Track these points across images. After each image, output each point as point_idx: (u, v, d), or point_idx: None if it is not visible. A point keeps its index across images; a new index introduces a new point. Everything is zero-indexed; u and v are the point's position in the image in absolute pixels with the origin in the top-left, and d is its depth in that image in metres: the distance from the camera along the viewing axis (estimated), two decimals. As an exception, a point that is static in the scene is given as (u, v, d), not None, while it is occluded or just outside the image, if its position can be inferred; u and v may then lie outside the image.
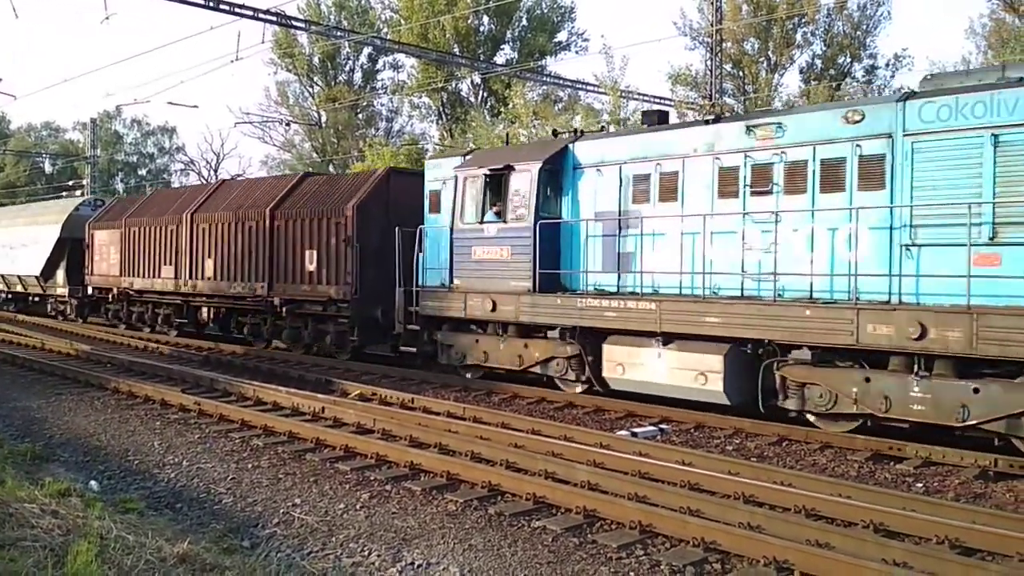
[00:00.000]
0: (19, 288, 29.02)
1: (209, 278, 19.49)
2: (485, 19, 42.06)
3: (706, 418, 10.90)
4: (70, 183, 56.87)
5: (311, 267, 16.79)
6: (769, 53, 35.51)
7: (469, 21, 40.54)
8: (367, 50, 46.97)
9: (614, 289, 12.14)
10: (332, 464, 8.60)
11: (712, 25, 30.62)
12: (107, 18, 21.05)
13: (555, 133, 17.13)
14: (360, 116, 48.60)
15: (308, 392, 12.25)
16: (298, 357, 17.28)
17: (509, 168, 12.94)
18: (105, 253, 23.46)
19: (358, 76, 49.17)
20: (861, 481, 8.23)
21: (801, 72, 35.95)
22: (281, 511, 7.16)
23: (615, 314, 11.58)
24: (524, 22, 43.67)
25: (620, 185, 12.19)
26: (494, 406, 12.13)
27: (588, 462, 8.31)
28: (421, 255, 14.27)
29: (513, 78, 34.76)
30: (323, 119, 48.89)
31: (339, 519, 6.94)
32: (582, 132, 13.54)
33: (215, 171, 61.89)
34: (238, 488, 7.86)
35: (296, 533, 6.63)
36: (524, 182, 12.77)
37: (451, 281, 13.76)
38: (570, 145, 12.91)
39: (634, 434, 10.04)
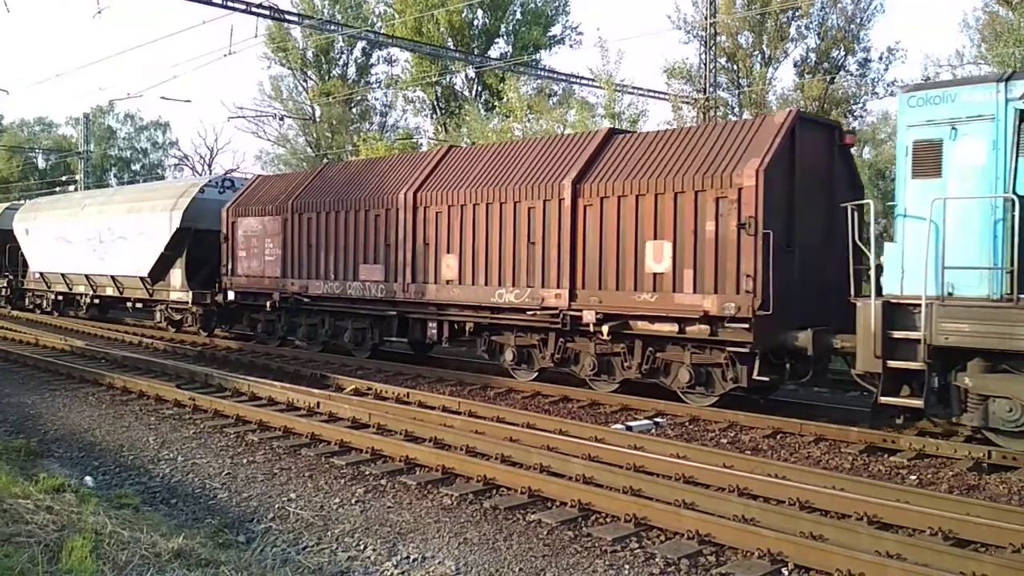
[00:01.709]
0: (110, 291, 23.04)
1: (450, 281, 14.07)
2: (479, 13, 41.98)
3: (701, 412, 10.93)
4: (63, 178, 56.75)
5: (658, 267, 11.42)
6: (763, 47, 35.48)
7: (463, 15, 40.45)
8: (361, 44, 46.82)
9: None
10: (327, 459, 8.60)
11: (706, 19, 30.60)
12: (99, 12, 21.01)
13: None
14: (354, 110, 48.43)
15: (303, 387, 12.24)
16: (293, 352, 17.17)
17: None
18: (256, 248, 17.97)
19: (352, 70, 49.02)
20: (855, 473, 8.27)
21: (795, 66, 35.93)
22: (276, 506, 7.16)
23: None
24: (518, 16, 43.59)
25: None
26: (489, 400, 12.15)
27: (583, 456, 8.32)
28: (897, 245, 9.25)
29: (507, 72, 34.71)
30: (317, 114, 48.77)
31: (334, 514, 6.94)
32: None
33: (209, 166, 61.74)
34: (233, 483, 7.86)
35: (291, 528, 6.63)
36: None
37: (1020, 289, 8.46)
38: None
39: (629, 428, 10.06)
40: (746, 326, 10.54)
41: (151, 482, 8.06)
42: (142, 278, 21.06)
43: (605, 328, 11.87)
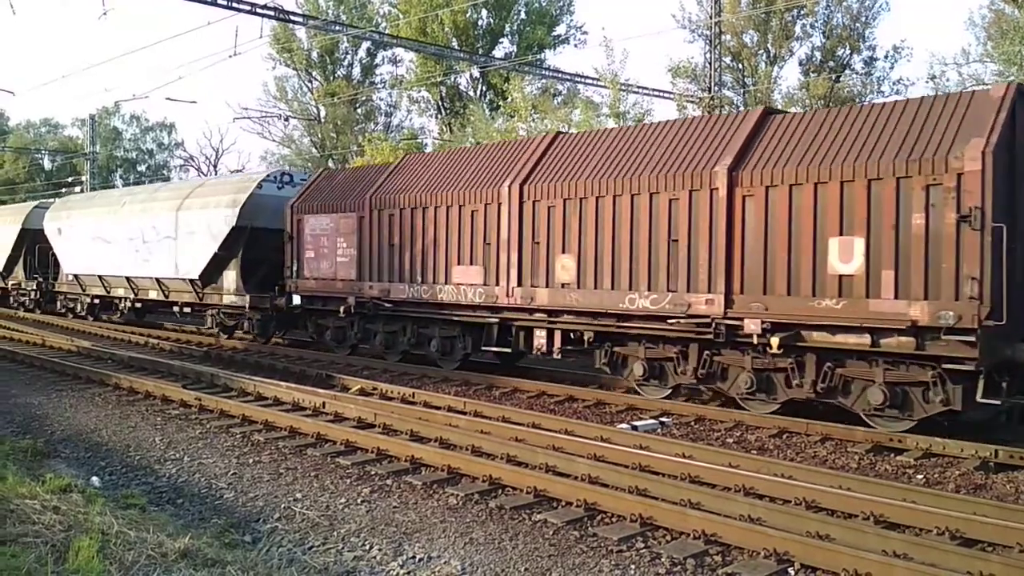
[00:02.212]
0: (153, 295, 21.28)
1: (566, 285, 12.29)
2: (484, 13, 42.01)
3: (706, 411, 10.92)
4: (70, 180, 56.89)
5: (846, 268, 9.64)
6: (768, 45, 35.45)
7: (467, 15, 40.49)
8: (366, 45, 46.91)
9: None
10: (333, 459, 8.61)
11: (711, 17, 30.58)
12: (104, 14, 21.02)
13: None
14: (359, 111, 48.53)
15: (309, 387, 12.26)
16: (299, 352, 17.14)
17: None
18: (326, 248, 16.26)
19: (357, 71, 49.11)
20: (862, 473, 8.25)
21: (800, 64, 35.92)
22: (282, 506, 7.17)
23: None
24: (522, 15, 43.63)
25: None
26: (494, 400, 12.15)
27: (588, 455, 8.31)
28: None
29: (512, 72, 34.71)
30: (322, 114, 48.86)
31: (340, 513, 6.95)
32: None
33: (214, 167, 61.92)
34: (239, 483, 7.87)
35: (297, 528, 6.64)
36: None
37: None
38: None
39: (634, 427, 10.05)
40: (970, 338, 8.77)
41: (157, 482, 8.08)
42: (191, 280, 19.35)
43: (775, 340, 10.06)
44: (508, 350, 13.63)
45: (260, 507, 7.18)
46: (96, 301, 24.46)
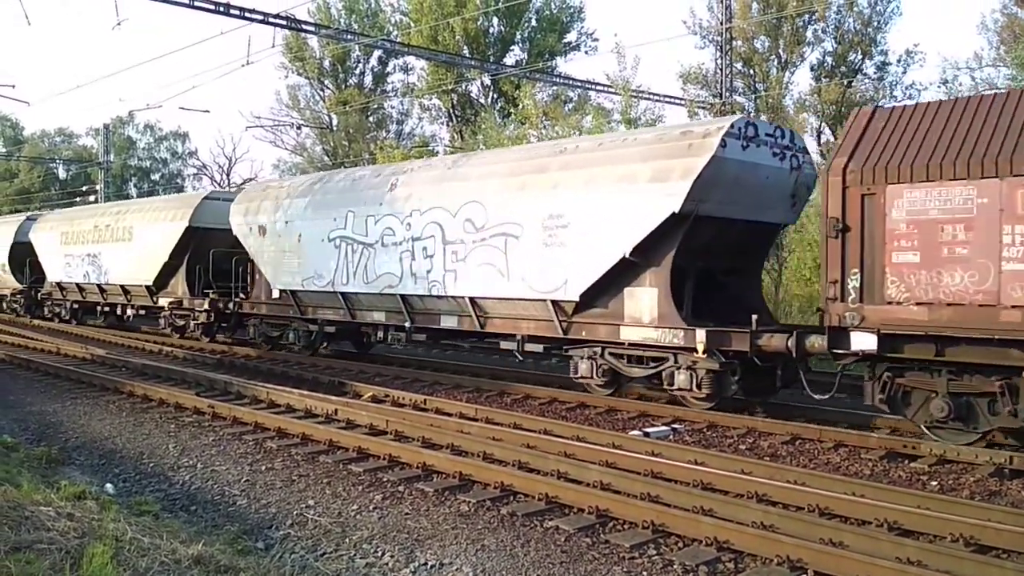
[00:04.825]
0: (451, 323, 14.30)
1: None
2: (495, 20, 42.14)
3: (718, 418, 10.88)
4: (84, 188, 57.32)
5: None
6: (779, 51, 35.39)
7: (478, 23, 40.61)
8: (377, 53, 47.08)
9: None
10: (345, 466, 8.63)
11: (722, 23, 30.55)
12: (119, 24, 21.17)
13: None
14: (371, 119, 48.71)
15: (321, 394, 12.29)
16: (311, 360, 17.20)
17: None
18: (961, 246, 8.56)
19: (368, 79, 49.32)
20: (875, 479, 8.20)
21: (812, 70, 35.84)
22: (295, 512, 7.19)
23: None
24: (533, 23, 43.72)
25: None
26: (506, 407, 12.14)
27: (601, 462, 8.31)
28: None
29: (523, 79, 34.77)
30: (334, 122, 49.06)
31: (352, 520, 6.96)
32: None
33: (227, 176, 62.18)
34: (252, 490, 7.90)
35: (310, 534, 6.66)
36: None
37: None
38: None
39: (647, 434, 10.03)
40: None
41: (171, 489, 8.12)
42: (557, 303, 12.30)
43: None
44: None
45: (273, 514, 7.21)
46: (330, 329, 17.12)
